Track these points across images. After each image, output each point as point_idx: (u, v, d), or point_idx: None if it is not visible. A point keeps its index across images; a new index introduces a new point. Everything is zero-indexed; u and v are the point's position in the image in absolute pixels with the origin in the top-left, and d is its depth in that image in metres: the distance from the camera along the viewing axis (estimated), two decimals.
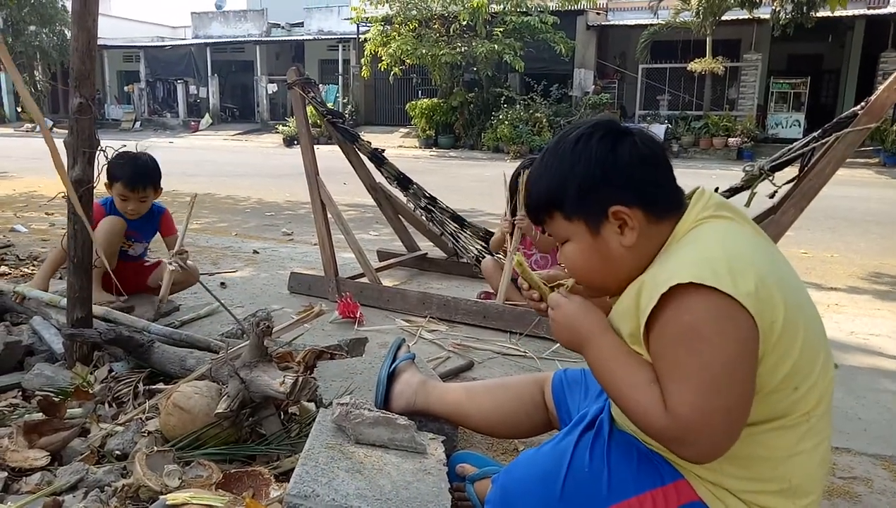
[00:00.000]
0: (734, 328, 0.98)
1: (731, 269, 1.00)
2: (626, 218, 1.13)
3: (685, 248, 1.09)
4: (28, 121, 25.79)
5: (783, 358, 1.03)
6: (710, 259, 1.02)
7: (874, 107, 2.55)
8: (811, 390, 1.07)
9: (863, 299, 4.01)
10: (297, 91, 3.60)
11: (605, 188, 1.13)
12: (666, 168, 1.17)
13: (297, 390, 1.71)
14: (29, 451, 1.71)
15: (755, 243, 1.10)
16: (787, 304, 1.02)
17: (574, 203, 1.16)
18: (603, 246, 1.16)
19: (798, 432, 1.07)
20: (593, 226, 1.16)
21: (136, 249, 3.20)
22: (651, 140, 1.17)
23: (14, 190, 8.40)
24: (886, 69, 15.32)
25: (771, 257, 1.09)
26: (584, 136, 1.16)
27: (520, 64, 16.41)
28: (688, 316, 1.00)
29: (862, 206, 8.06)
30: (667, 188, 1.16)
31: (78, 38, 2.02)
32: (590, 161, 1.14)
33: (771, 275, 1.03)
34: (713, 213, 1.13)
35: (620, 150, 1.14)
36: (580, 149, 1.15)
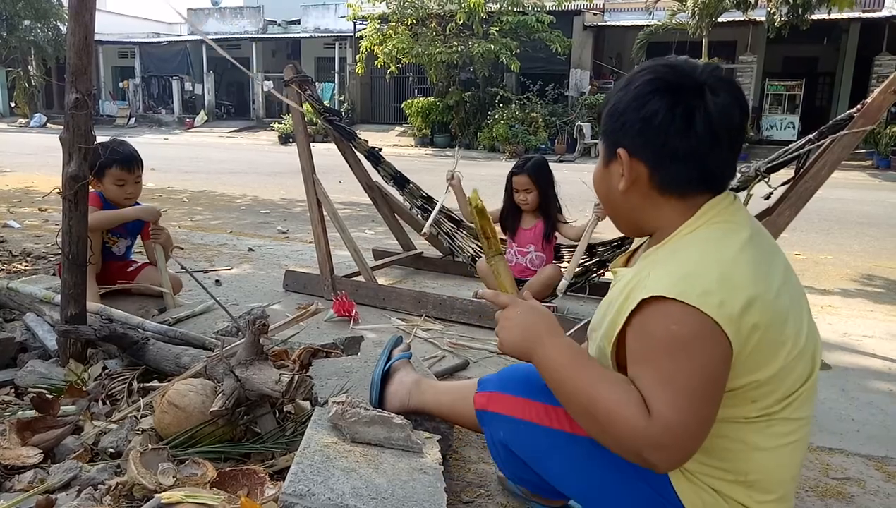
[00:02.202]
0: (715, 347, 0.99)
1: (719, 291, 0.98)
2: (623, 164, 1.11)
3: (682, 254, 1.06)
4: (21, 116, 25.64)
5: (748, 374, 1.04)
6: (701, 276, 1.00)
7: (870, 110, 2.56)
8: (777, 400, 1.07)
9: (856, 301, 4.03)
10: (294, 88, 3.58)
11: (622, 126, 1.10)
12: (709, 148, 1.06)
13: (292, 388, 1.70)
14: (21, 449, 1.70)
15: (754, 258, 1.05)
16: (773, 326, 1.02)
17: (602, 122, 1.16)
18: (608, 178, 1.16)
19: (754, 429, 1.08)
20: (606, 155, 1.16)
21: (119, 247, 3.15)
22: (719, 117, 1.05)
23: (7, 185, 8.35)
24: (881, 72, 15.42)
25: (767, 272, 1.06)
26: (646, 70, 1.11)
27: (516, 64, 16.40)
28: (676, 327, 0.99)
29: (855, 208, 8.09)
30: (692, 166, 1.08)
31: (75, 33, 2.01)
32: (625, 92, 1.10)
33: (760, 298, 1.01)
34: (721, 219, 1.09)
35: (655, 102, 1.06)
36: (634, 77, 1.11)
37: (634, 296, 1.03)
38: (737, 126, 1.08)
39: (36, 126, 24.21)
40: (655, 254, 1.11)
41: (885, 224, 7.18)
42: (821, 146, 2.68)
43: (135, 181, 3.03)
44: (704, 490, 1.11)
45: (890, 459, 2.07)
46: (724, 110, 1.06)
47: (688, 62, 1.10)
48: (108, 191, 2.98)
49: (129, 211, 2.97)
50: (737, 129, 1.08)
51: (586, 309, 3.48)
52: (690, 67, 1.09)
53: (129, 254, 3.25)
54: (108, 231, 3.06)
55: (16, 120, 25.52)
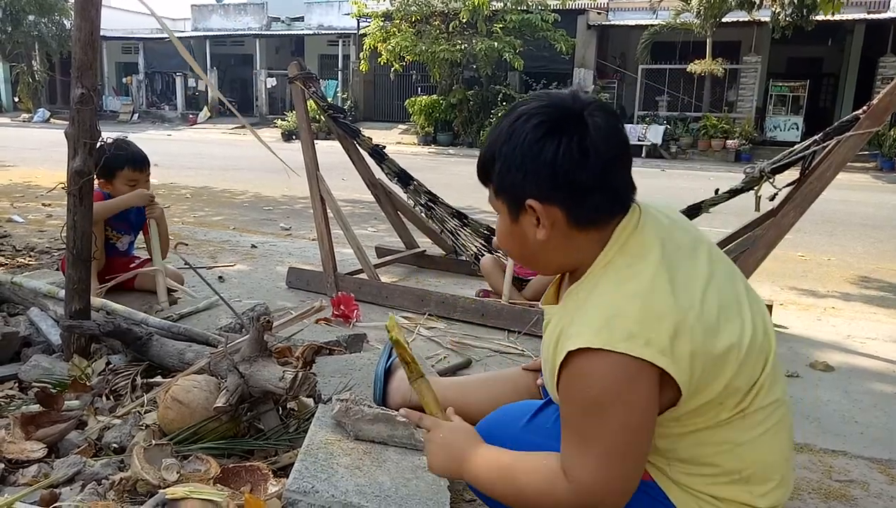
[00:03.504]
0: (638, 394, 0.98)
1: (643, 331, 0.97)
2: (539, 215, 1.08)
3: (599, 294, 1.04)
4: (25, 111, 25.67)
5: (704, 390, 1.03)
6: (621, 317, 0.98)
7: (876, 112, 2.55)
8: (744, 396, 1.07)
9: (859, 303, 4.03)
10: (299, 85, 3.59)
11: (525, 178, 1.07)
12: (609, 171, 1.06)
13: (296, 385, 1.71)
14: (26, 443, 1.70)
15: (669, 277, 1.03)
16: (710, 336, 1.01)
17: (498, 181, 1.11)
18: (520, 233, 1.12)
19: (735, 427, 1.07)
20: (513, 211, 1.11)
21: (123, 242, 3.16)
22: (607, 136, 1.05)
23: (11, 180, 8.36)
24: (885, 74, 15.36)
25: (687, 283, 1.04)
26: (525, 115, 1.07)
27: (519, 62, 16.38)
28: (593, 387, 0.99)
29: (859, 210, 8.08)
30: (601, 194, 1.06)
31: (80, 28, 2.01)
32: (517, 145, 1.07)
33: (685, 319, 0.99)
34: (630, 242, 1.07)
35: (551, 144, 1.04)
36: (517, 126, 1.07)
37: (562, 347, 1.03)
38: (625, 141, 1.09)
39: (39, 121, 24.23)
40: (577, 292, 1.10)
41: (889, 226, 7.16)
42: (826, 147, 2.68)
43: (145, 180, 3.05)
44: (704, 501, 1.10)
45: (893, 462, 2.06)
46: (609, 131, 1.06)
47: (556, 95, 1.10)
48: (119, 191, 2.97)
49: (122, 197, 2.97)
50: (626, 145, 1.10)
51: None
52: (562, 100, 1.08)
53: (132, 249, 3.25)
54: (112, 227, 3.06)
55: (19, 115, 25.53)
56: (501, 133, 1.10)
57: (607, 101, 1.11)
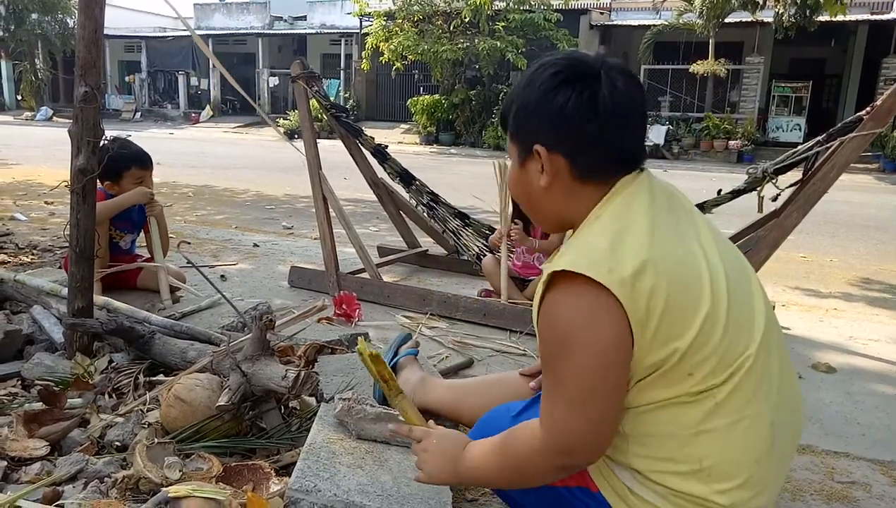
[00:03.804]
0: (601, 331, 0.98)
1: (608, 259, 0.98)
2: (543, 160, 1.10)
3: (584, 233, 1.08)
4: (28, 109, 25.70)
5: (666, 344, 1.00)
6: (592, 247, 1.02)
7: (879, 113, 2.55)
8: (714, 370, 1.02)
9: (861, 304, 4.02)
10: (302, 84, 3.59)
11: (535, 123, 1.10)
12: (617, 129, 1.08)
13: (298, 384, 1.71)
14: (28, 441, 1.71)
15: (651, 222, 1.04)
16: (680, 287, 1.00)
17: (512, 124, 1.15)
18: (525, 179, 1.15)
19: (702, 408, 1.02)
20: (521, 155, 1.15)
21: (126, 241, 3.18)
22: (620, 96, 1.08)
23: (13, 178, 8.37)
24: (889, 75, 15.33)
25: (670, 234, 1.05)
26: (546, 64, 1.12)
27: (522, 62, 16.36)
28: (559, 321, 1.01)
29: (862, 211, 8.07)
30: (608, 148, 1.09)
31: (84, 26, 2.02)
32: (532, 90, 1.11)
33: (655, 260, 0.99)
34: (625, 191, 1.09)
35: (564, 93, 1.07)
36: (536, 73, 1.12)
37: (540, 285, 1.06)
38: (640, 105, 1.12)
39: (42, 119, 24.27)
40: (568, 241, 1.14)
41: (892, 227, 7.15)
42: (829, 148, 2.68)
43: (149, 178, 3.08)
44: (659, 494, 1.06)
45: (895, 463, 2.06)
46: (626, 91, 1.08)
47: (578, 52, 1.14)
48: (127, 191, 2.99)
49: (123, 196, 2.99)
50: (641, 109, 1.12)
51: None
52: (584, 56, 1.12)
53: (134, 248, 3.27)
54: (115, 226, 3.08)
55: (22, 113, 25.56)
56: (522, 79, 1.14)
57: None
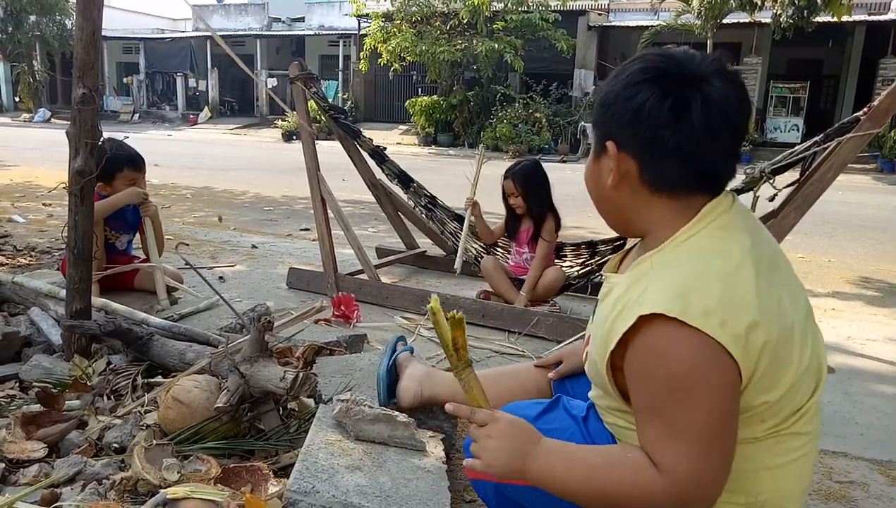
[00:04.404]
0: (722, 375, 0.92)
1: (721, 310, 0.91)
2: (612, 158, 1.04)
3: (679, 266, 0.98)
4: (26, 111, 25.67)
5: (758, 396, 0.97)
6: (701, 292, 0.92)
7: (877, 113, 2.55)
8: (785, 417, 1.01)
9: (859, 304, 4.02)
10: (300, 86, 3.59)
11: (611, 117, 1.04)
12: (700, 144, 0.98)
13: (297, 386, 1.71)
14: (26, 443, 1.70)
15: (756, 271, 0.97)
16: (781, 344, 0.96)
17: (594, 113, 1.09)
18: (597, 172, 1.10)
19: (763, 447, 1.02)
20: (597, 148, 1.09)
21: (122, 241, 3.18)
22: (712, 110, 0.97)
23: (11, 179, 8.36)
24: (886, 75, 15.35)
25: (770, 285, 0.98)
26: (640, 59, 1.03)
27: (520, 64, 16.39)
28: (677, 364, 0.92)
29: (859, 212, 8.08)
30: (684, 163, 1.00)
31: (82, 28, 2.01)
32: (617, 83, 1.03)
33: (765, 315, 0.94)
34: (720, 225, 1.01)
35: (645, 93, 0.99)
36: (627, 66, 1.04)
37: (629, 313, 0.96)
38: (737, 122, 1.00)
39: (40, 121, 24.24)
40: (649, 262, 1.03)
41: (889, 227, 7.16)
42: (826, 148, 2.68)
43: (142, 179, 3.07)
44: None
45: (894, 463, 2.07)
46: (722, 103, 0.98)
47: (687, 52, 1.03)
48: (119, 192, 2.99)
49: (117, 196, 2.99)
50: (737, 126, 1.00)
51: (589, 309, 3.47)
52: (688, 57, 1.02)
53: (130, 249, 3.27)
54: (110, 227, 3.07)
55: (20, 115, 25.53)
56: (615, 71, 1.07)
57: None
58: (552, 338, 2.98)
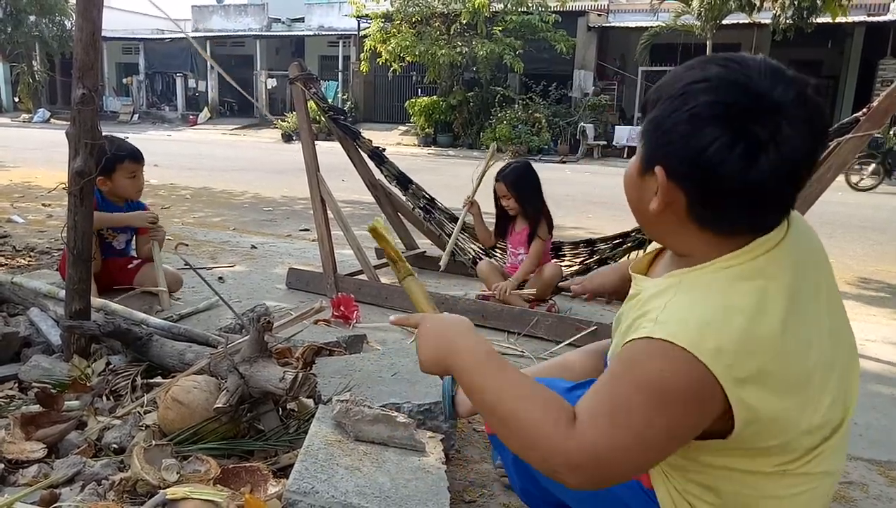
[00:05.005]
0: (702, 408, 0.89)
1: (734, 352, 0.87)
2: (660, 185, 0.95)
3: (706, 294, 0.92)
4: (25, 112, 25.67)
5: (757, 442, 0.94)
6: (720, 330, 0.87)
7: (876, 114, 2.56)
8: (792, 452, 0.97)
9: (858, 305, 4.03)
10: (299, 86, 3.59)
11: (666, 143, 0.92)
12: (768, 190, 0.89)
13: (296, 386, 1.71)
14: (26, 443, 1.70)
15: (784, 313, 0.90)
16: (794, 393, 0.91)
17: (646, 127, 0.97)
18: (640, 189, 1.00)
19: (771, 480, 0.98)
20: (643, 165, 0.98)
21: (119, 241, 3.18)
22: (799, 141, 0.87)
23: (11, 180, 8.35)
24: (885, 76, 15.38)
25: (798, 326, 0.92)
26: (707, 82, 0.89)
27: (519, 66, 16.41)
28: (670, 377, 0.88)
29: (858, 212, 8.09)
30: (741, 209, 0.92)
31: (82, 28, 2.02)
32: (678, 108, 0.90)
33: (778, 364, 0.89)
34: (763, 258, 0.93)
35: (713, 132, 0.87)
36: (692, 90, 0.90)
37: (642, 325, 0.93)
38: (814, 156, 0.90)
39: (39, 121, 24.24)
40: (678, 278, 0.98)
41: (888, 228, 7.17)
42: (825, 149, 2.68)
43: (140, 172, 3.11)
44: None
45: (893, 463, 2.07)
46: (797, 145, 0.87)
47: (764, 67, 0.90)
48: (120, 184, 3.03)
49: (123, 215, 3.04)
50: (813, 160, 0.90)
51: (587, 309, 3.47)
52: (767, 84, 0.88)
53: (130, 249, 3.26)
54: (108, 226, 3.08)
55: (19, 115, 25.53)
56: (675, 84, 0.93)
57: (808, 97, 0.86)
58: (552, 339, 2.98)
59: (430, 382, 1.96)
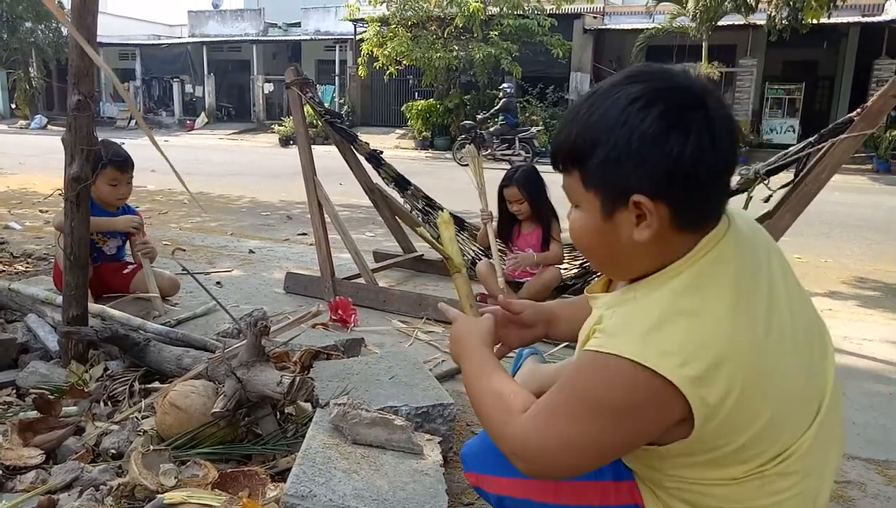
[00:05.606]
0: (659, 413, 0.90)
1: (681, 351, 0.88)
2: (647, 212, 0.93)
3: (650, 303, 0.94)
4: (22, 118, 25.65)
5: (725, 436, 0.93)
6: (664, 333, 0.89)
7: (870, 114, 2.57)
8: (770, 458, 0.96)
9: (855, 304, 4.04)
10: (296, 91, 3.60)
11: (639, 170, 0.91)
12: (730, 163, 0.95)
13: (294, 390, 1.71)
14: (23, 449, 1.70)
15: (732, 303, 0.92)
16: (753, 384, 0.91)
17: (596, 170, 0.94)
18: (610, 231, 0.97)
19: (748, 487, 0.97)
20: (607, 207, 0.96)
21: (110, 246, 3.14)
22: (730, 126, 0.94)
23: (8, 186, 8.35)
24: (880, 76, 15.44)
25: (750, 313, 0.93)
26: (640, 100, 0.91)
27: (517, 70, 16.43)
28: (611, 389, 0.90)
29: (856, 212, 8.10)
30: (714, 194, 0.95)
31: None
32: (632, 133, 0.91)
33: (734, 354, 0.89)
34: (708, 254, 0.95)
35: (678, 136, 0.90)
36: (632, 112, 0.91)
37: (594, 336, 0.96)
38: (738, 134, 0.97)
39: (36, 127, 24.22)
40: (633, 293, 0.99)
41: (885, 228, 7.18)
42: (821, 149, 2.69)
43: (126, 182, 3.03)
44: None
45: (890, 462, 2.07)
46: (730, 119, 0.94)
47: (668, 73, 0.96)
48: (101, 190, 2.95)
49: (108, 220, 2.99)
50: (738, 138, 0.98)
51: None
52: (680, 81, 0.94)
53: (122, 253, 3.23)
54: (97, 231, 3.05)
55: (16, 121, 25.51)
56: (608, 117, 0.93)
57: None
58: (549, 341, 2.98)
59: (427, 385, 1.96)
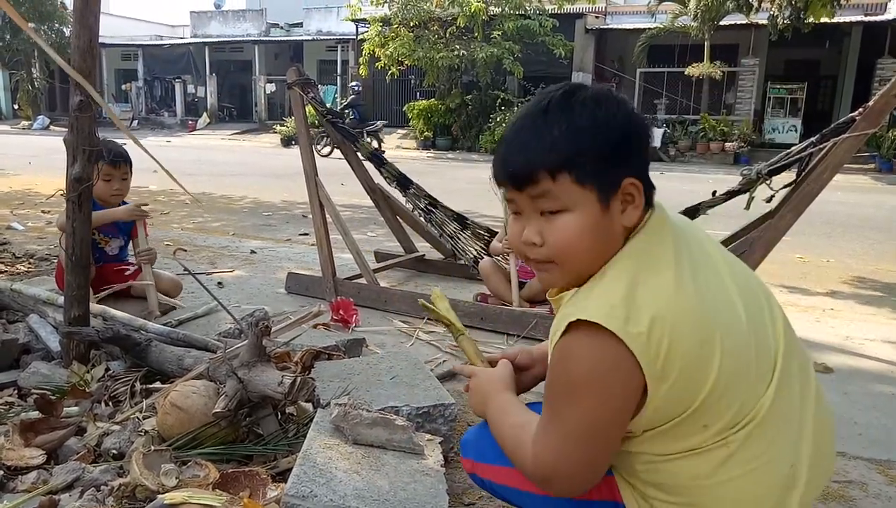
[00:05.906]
0: (617, 376, 0.95)
1: (625, 303, 0.95)
2: (635, 192, 1.02)
3: (601, 279, 1.02)
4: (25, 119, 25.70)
5: (681, 399, 0.97)
6: (611, 290, 0.98)
7: (872, 113, 2.56)
8: (729, 422, 0.99)
9: (858, 304, 4.03)
10: (297, 91, 3.60)
11: (625, 155, 1.02)
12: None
13: (295, 390, 1.71)
14: (25, 450, 1.71)
15: (680, 266, 1.00)
16: (698, 344, 0.96)
17: (593, 166, 1.00)
18: (608, 223, 1.02)
19: (716, 458, 1.00)
20: (604, 197, 1.01)
21: (112, 246, 3.14)
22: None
23: (10, 187, 8.37)
24: (883, 75, 15.39)
25: (687, 280, 0.99)
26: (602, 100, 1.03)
27: (518, 70, 16.42)
28: (574, 369, 0.98)
29: (858, 212, 8.08)
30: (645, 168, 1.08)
31: (79, 35, 2.03)
32: (614, 122, 1.02)
33: (682, 311, 0.95)
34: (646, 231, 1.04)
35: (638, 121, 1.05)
36: (605, 108, 1.02)
37: (555, 330, 1.03)
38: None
39: (39, 128, 24.26)
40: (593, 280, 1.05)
41: (888, 227, 7.17)
42: (823, 149, 2.69)
43: (121, 178, 3.02)
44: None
45: (892, 462, 2.07)
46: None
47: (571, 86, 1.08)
48: (98, 186, 2.95)
49: (107, 211, 2.98)
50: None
51: None
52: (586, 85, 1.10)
53: (125, 254, 3.22)
54: (99, 230, 3.05)
55: (19, 122, 25.57)
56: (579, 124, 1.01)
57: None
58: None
59: (428, 385, 1.96)
